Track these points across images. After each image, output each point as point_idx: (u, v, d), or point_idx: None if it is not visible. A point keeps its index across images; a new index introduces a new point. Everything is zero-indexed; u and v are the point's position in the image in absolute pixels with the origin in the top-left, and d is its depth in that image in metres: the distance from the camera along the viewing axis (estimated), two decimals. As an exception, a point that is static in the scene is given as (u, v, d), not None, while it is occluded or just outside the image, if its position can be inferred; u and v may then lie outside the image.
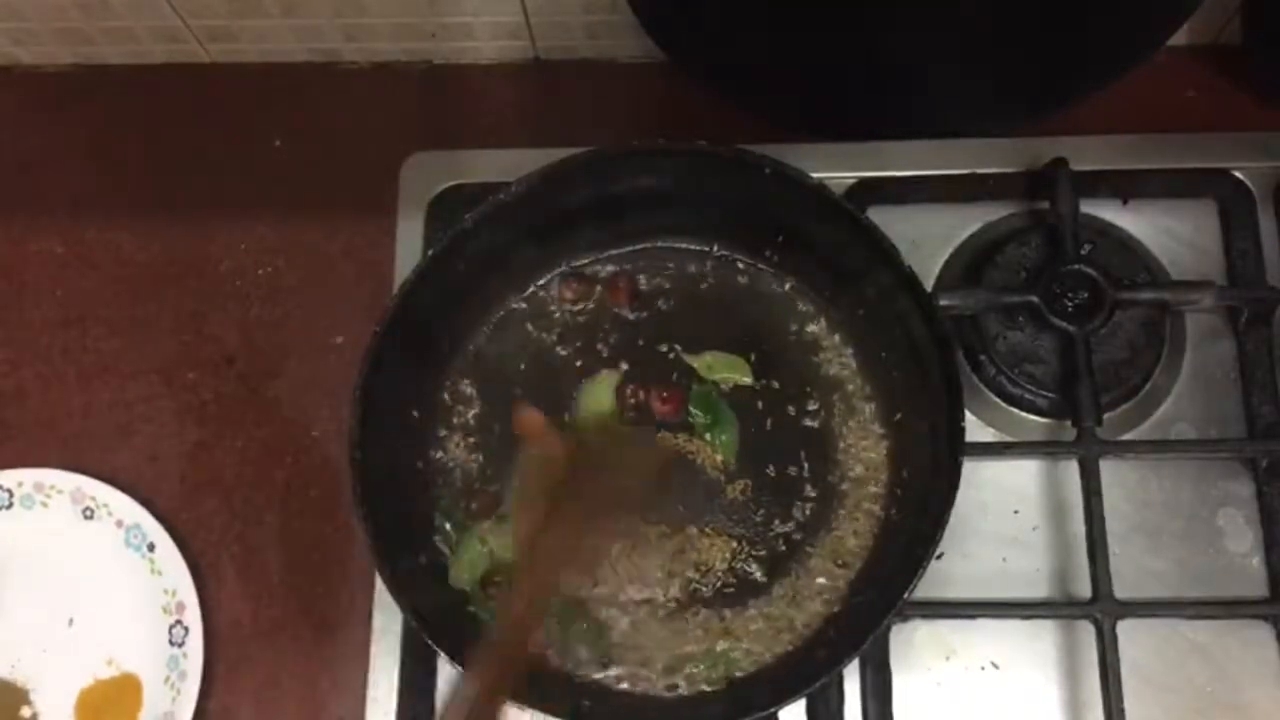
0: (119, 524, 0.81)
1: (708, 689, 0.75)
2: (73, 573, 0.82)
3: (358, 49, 0.93)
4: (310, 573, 0.82)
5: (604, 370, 0.81)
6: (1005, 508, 0.79)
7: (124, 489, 0.82)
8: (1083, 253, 0.80)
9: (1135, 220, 0.84)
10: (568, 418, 0.80)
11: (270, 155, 0.92)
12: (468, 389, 0.82)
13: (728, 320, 0.82)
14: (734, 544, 0.78)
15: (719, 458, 0.79)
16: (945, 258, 0.84)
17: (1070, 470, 0.77)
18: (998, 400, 0.80)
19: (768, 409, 0.80)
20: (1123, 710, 0.71)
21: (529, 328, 0.83)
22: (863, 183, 0.84)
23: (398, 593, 0.71)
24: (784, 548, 0.77)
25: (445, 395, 0.81)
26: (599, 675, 0.75)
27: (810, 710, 0.75)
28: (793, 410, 0.80)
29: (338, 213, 0.89)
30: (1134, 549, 0.78)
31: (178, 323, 0.88)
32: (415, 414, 0.80)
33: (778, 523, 0.78)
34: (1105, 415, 0.77)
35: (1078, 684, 0.75)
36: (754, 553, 0.78)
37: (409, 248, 0.85)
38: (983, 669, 0.76)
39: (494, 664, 0.64)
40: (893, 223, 0.78)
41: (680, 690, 0.75)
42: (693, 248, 0.84)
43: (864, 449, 0.79)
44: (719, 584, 0.77)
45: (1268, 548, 0.77)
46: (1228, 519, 0.78)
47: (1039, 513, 0.79)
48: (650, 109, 0.92)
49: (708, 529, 0.78)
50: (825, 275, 0.81)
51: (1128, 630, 0.73)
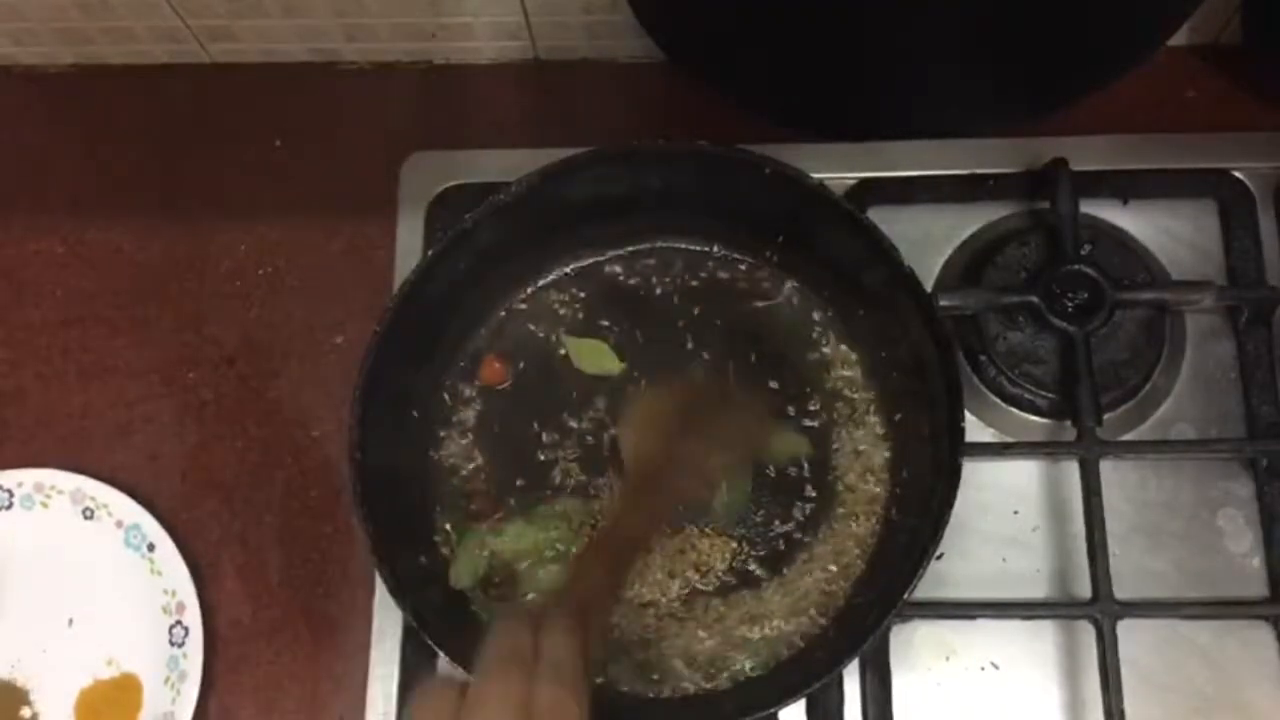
0: (119, 524, 0.81)
1: (708, 689, 0.75)
2: (73, 573, 0.82)
3: (358, 49, 0.93)
4: (310, 573, 0.82)
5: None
6: (1005, 508, 0.79)
7: (124, 489, 0.82)
8: (1083, 253, 0.80)
9: (1135, 220, 0.84)
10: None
11: (270, 155, 0.92)
12: (468, 389, 0.82)
13: (727, 321, 0.82)
14: (734, 544, 0.78)
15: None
16: (945, 258, 0.84)
17: (1070, 470, 0.77)
18: (998, 400, 0.80)
19: (768, 409, 0.80)
20: (1123, 710, 0.70)
21: (529, 327, 0.83)
22: (863, 183, 0.84)
23: (398, 593, 0.71)
24: (784, 548, 0.77)
25: (445, 395, 0.81)
26: (599, 676, 0.75)
27: (810, 710, 0.75)
28: (793, 410, 0.80)
29: (338, 213, 0.89)
30: (1134, 549, 0.78)
31: (178, 323, 0.88)
32: (415, 414, 0.80)
33: (778, 523, 0.78)
34: (1105, 415, 0.77)
35: (1078, 684, 0.75)
36: (754, 553, 0.78)
37: (409, 248, 0.85)
38: (983, 669, 0.76)
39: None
40: (893, 223, 0.78)
41: (680, 691, 0.75)
42: (693, 248, 0.84)
43: (864, 449, 0.79)
44: (719, 584, 0.77)
45: (1268, 548, 0.77)
46: (1228, 519, 0.78)
47: (1039, 513, 0.79)
48: (650, 109, 0.92)
49: (708, 529, 0.78)
50: (825, 275, 0.81)
51: (1128, 630, 0.73)
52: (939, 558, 0.76)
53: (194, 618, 0.79)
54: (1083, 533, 0.75)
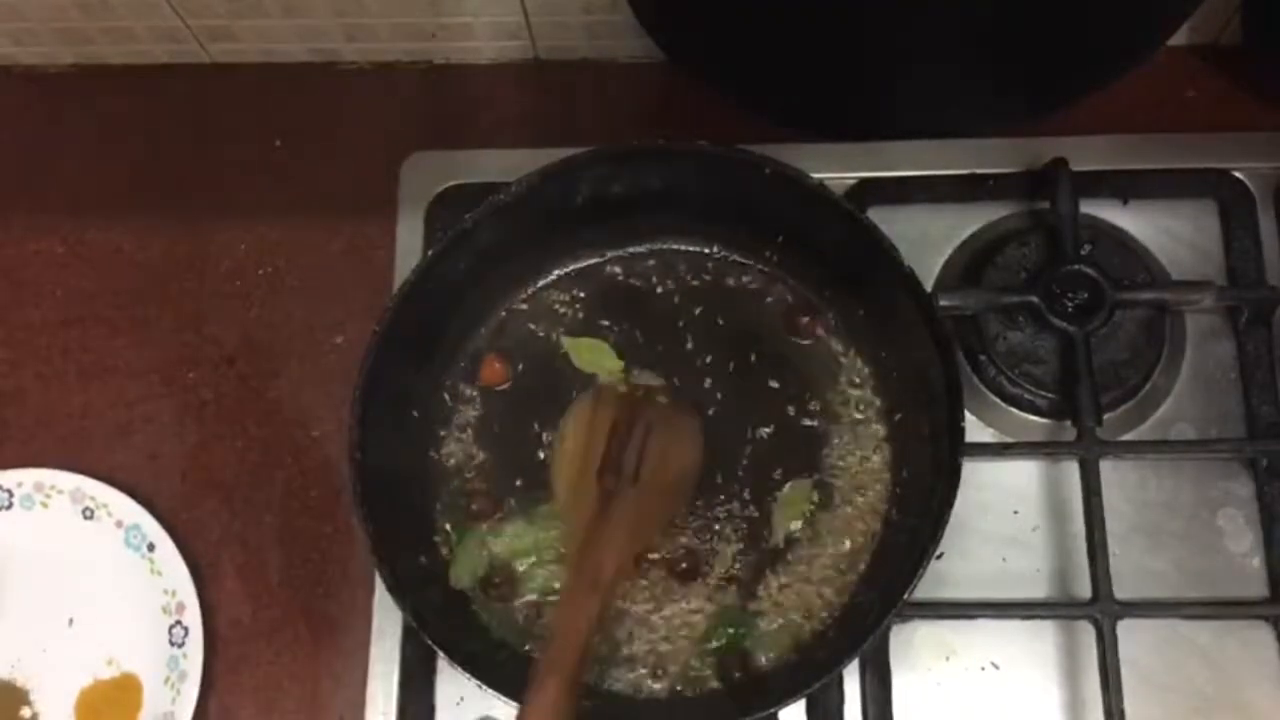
0: (119, 524, 0.81)
1: (708, 689, 0.75)
2: (73, 573, 0.82)
3: (358, 49, 0.93)
4: (310, 573, 0.82)
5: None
6: (1005, 508, 0.79)
7: (124, 489, 0.82)
8: (1083, 253, 0.80)
9: (1135, 220, 0.84)
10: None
11: (270, 155, 0.92)
12: (468, 389, 0.82)
13: (727, 321, 0.82)
14: (734, 544, 0.78)
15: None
16: (945, 258, 0.84)
17: (1070, 470, 0.77)
18: (998, 400, 0.80)
19: (768, 409, 0.80)
20: (1123, 710, 0.71)
21: (529, 327, 0.83)
22: (863, 183, 0.84)
23: (398, 593, 0.71)
24: (784, 547, 0.77)
25: (445, 395, 0.81)
26: (600, 676, 0.75)
27: (810, 710, 0.75)
28: (793, 410, 0.80)
29: (338, 213, 0.89)
30: (1134, 549, 0.78)
31: (178, 323, 0.88)
32: (415, 414, 0.80)
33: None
34: (1105, 415, 0.77)
35: (1078, 684, 0.75)
36: (754, 553, 0.77)
37: (409, 248, 0.85)
38: (983, 669, 0.76)
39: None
40: (893, 223, 0.78)
41: (680, 691, 0.75)
42: (693, 248, 0.84)
43: (864, 449, 0.79)
44: (719, 584, 0.77)
45: (1268, 548, 0.77)
46: (1228, 519, 0.78)
47: (1039, 513, 0.79)
48: (650, 109, 0.92)
49: (707, 528, 0.78)
50: (825, 275, 0.81)
51: (1128, 630, 0.73)
52: (939, 558, 0.76)
53: (194, 618, 0.79)
54: (1083, 533, 0.75)
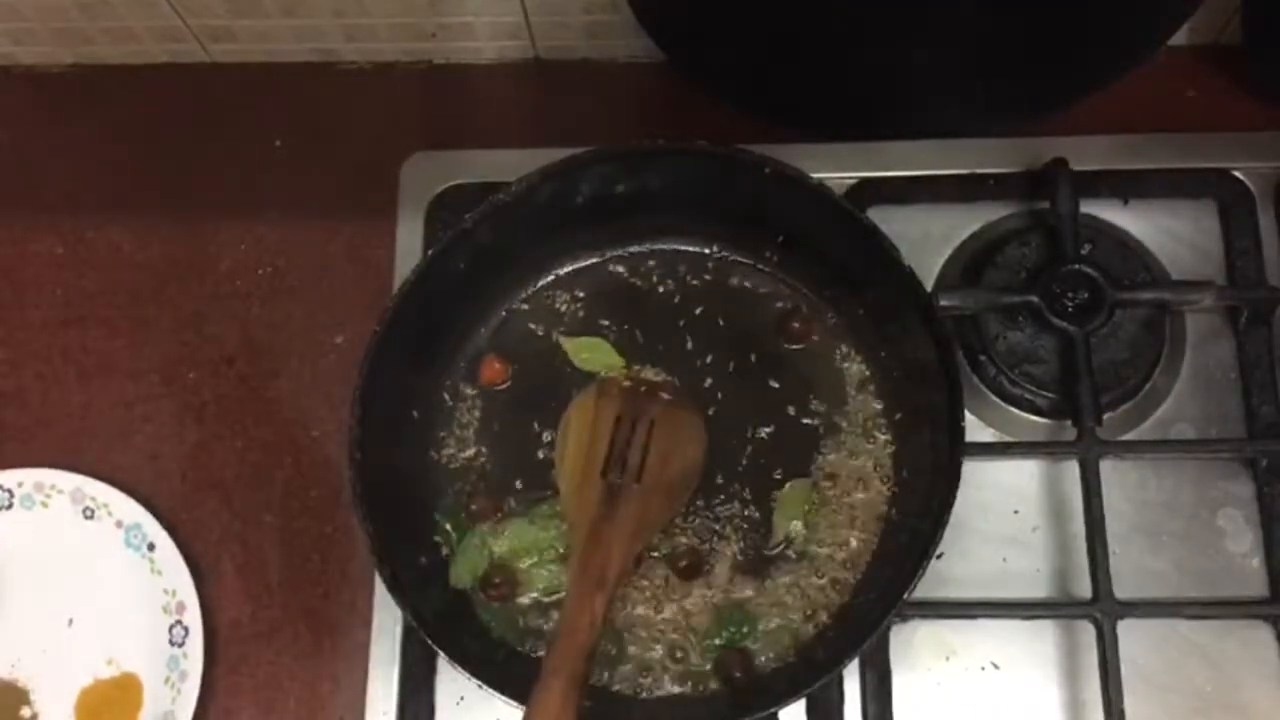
0: (119, 524, 0.81)
1: (708, 689, 0.75)
2: (73, 573, 0.82)
3: (358, 49, 0.93)
4: (310, 573, 0.82)
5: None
6: (1005, 508, 0.79)
7: (124, 489, 0.82)
8: (1083, 253, 0.80)
9: (1135, 220, 0.84)
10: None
11: (270, 155, 0.92)
12: (468, 389, 0.82)
13: (727, 320, 0.82)
14: (734, 544, 0.78)
15: None
16: (945, 258, 0.84)
17: (1070, 470, 0.77)
18: (998, 400, 0.80)
19: (768, 409, 0.80)
20: (1123, 710, 0.71)
21: (529, 327, 0.83)
22: (863, 183, 0.84)
23: (398, 593, 0.71)
24: (784, 546, 0.77)
25: (445, 395, 0.81)
26: (599, 676, 0.75)
27: (810, 710, 0.75)
28: (793, 410, 0.80)
29: (338, 213, 0.89)
30: (1134, 549, 0.78)
31: (178, 323, 0.88)
32: (415, 414, 0.80)
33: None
34: (1105, 415, 0.77)
35: (1078, 684, 0.75)
36: (754, 553, 0.77)
37: (409, 248, 0.85)
38: (983, 669, 0.76)
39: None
40: (893, 223, 0.78)
41: (680, 690, 0.75)
42: (693, 248, 0.84)
43: (864, 449, 0.79)
44: (719, 584, 0.77)
45: (1268, 548, 0.77)
46: (1228, 519, 0.78)
47: (1039, 513, 0.79)
48: (650, 109, 0.92)
49: (707, 528, 0.78)
50: (825, 275, 0.81)
51: (1128, 630, 0.73)
52: (939, 557, 0.76)
53: (194, 618, 0.79)
54: (1083, 533, 0.75)
